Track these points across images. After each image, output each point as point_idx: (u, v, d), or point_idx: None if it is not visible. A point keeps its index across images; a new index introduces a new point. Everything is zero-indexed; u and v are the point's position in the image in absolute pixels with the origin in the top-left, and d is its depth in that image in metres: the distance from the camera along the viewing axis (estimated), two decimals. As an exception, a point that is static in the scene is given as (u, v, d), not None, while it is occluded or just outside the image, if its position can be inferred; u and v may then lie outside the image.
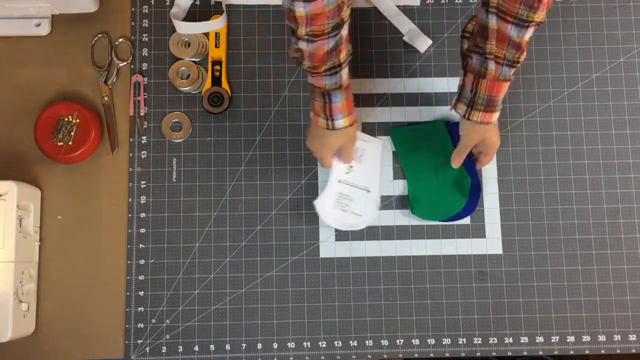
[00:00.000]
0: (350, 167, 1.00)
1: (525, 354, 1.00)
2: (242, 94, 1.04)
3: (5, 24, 1.03)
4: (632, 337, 0.99)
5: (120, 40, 1.05)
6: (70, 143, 0.98)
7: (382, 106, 1.05)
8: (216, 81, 1.03)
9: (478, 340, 0.99)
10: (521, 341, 0.99)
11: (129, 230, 1.00)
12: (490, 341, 0.99)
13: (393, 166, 1.03)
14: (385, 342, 0.99)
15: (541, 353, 0.99)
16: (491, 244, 1.02)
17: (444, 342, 0.99)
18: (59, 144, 0.98)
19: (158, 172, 1.02)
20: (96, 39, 1.05)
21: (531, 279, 1.01)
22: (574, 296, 1.00)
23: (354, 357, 0.99)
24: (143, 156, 1.02)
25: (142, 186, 1.02)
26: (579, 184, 1.03)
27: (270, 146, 1.03)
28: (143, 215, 1.01)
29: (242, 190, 1.02)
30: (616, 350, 0.99)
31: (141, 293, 0.99)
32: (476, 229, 1.02)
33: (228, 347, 0.98)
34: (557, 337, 0.99)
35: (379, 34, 1.06)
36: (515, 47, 0.82)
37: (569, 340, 0.99)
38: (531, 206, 1.02)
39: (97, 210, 1.01)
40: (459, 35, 0.91)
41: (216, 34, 1.04)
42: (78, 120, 0.99)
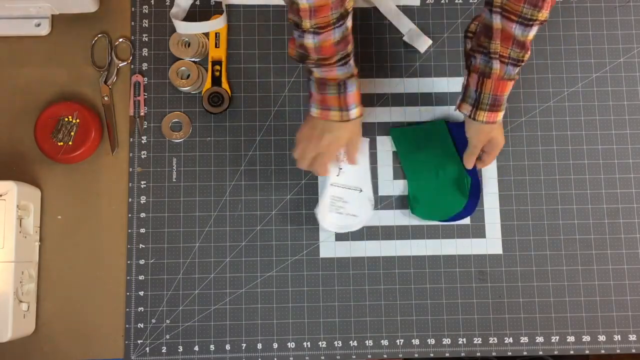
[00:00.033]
0: (340, 169, 1.00)
1: (525, 354, 1.00)
2: (242, 94, 1.04)
3: (5, 24, 1.03)
4: (632, 337, 0.99)
5: (120, 40, 1.05)
6: (70, 143, 0.98)
7: (382, 106, 1.05)
8: (216, 81, 1.03)
9: (478, 340, 0.99)
10: (521, 341, 0.99)
11: (129, 230, 1.00)
12: (490, 341, 0.99)
13: (393, 166, 1.03)
14: (385, 342, 0.99)
15: (541, 353, 0.99)
16: (491, 244, 1.02)
17: (444, 342, 0.99)
18: (59, 144, 0.98)
19: (158, 172, 1.02)
20: (96, 39, 1.05)
21: (531, 279, 1.01)
22: (574, 296, 1.00)
23: (354, 357, 0.99)
24: (143, 156, 1.02)
25: (142, 186, 1.02)
26: (579, 184, 1.03)
27: (270, 146, 1.03)
28: (143, 215, 1.01)
29: (242, 190, 1.02)
30: (616, 350, 0.99)
31: (141, 293, 0.99)
32: (476, 229, 1.02)
33: (228, 347, 0.98)
34: (557, 337, 0.99)
35: (379, 34, 1.06)
36: (520, 45, 0.83)
37: (569, 340, 0.99)
38: (531, 206, 1.02)
39: (97, 210, 1.01)
40: (461, 35, 0.91)
41: (216, 34, 1.04)
42: (78, 120, 0.99)
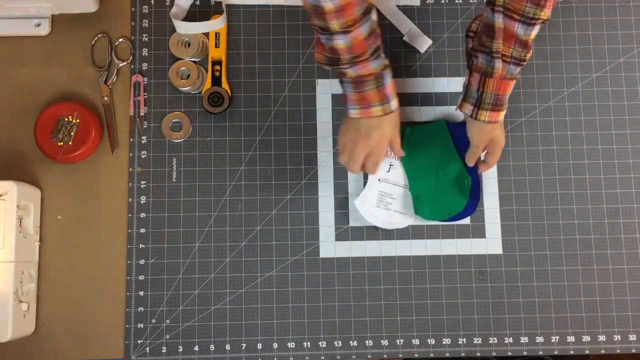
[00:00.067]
0: (390, 165, 1.01)
1: (525, 354, 1.00)
2: (242, 94, 1.04)
3: (5, 24, 1.03)
4: (632, 337, 0.99)
5: (120, 40, 1.05)
6: (70, 143, 0.98)
7: (382, 106, 1.05)
8: (216, 81, 1.03)
9: (478, 340, 0.99)
10: (521, 341, 0.99)
11: (129, 230, 1.00)
12: (490, 341, 0.99)
13: (393, 166, 1.03)
14: (385, 342, 0.99)
15: (541, 353, 0.99)
16: (491, 244, 1.01)
17: (444, 342, 0.99)
18: (59, 144, 0.98)
19: (158, 172, 1.02)
20: (96, 39, 1.05)
21: (531, 279, 1.01)
22: (574, 296, 1.00)
23: (354, 357, 0.99)
24: (143, 156, 1.02)
25: (142, 186, 1.02)
26: (579, 184, 1.03)
27: (270, 146, 1.03)
28: (143, 215, 1.01)
29: (242, 190, 1.02)
30: (616, 350, 0.99)
31: (141, 293, 0.99)
32: (476, 229, 1.02)
33: (228, 347, 0.98)
34: (557, 337, 0.99)
35: (379, 34, 1.06)
36: (522, 45, 0.83)
37: (569, 340, 0.99)
38: (531, 206, 1.02)
39: (97, 210, 1.01)
40: (462, 35, 0.91)
41: (216, 34, 1.04)
42: (78, 120, 0.99)
